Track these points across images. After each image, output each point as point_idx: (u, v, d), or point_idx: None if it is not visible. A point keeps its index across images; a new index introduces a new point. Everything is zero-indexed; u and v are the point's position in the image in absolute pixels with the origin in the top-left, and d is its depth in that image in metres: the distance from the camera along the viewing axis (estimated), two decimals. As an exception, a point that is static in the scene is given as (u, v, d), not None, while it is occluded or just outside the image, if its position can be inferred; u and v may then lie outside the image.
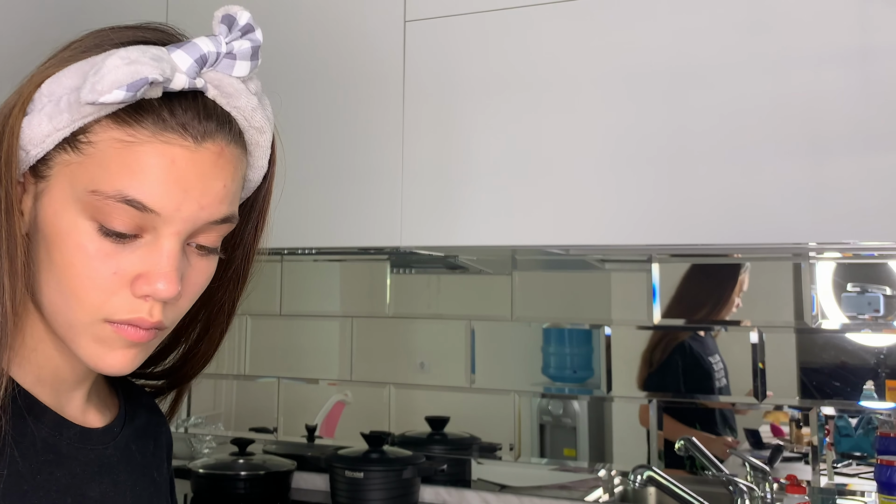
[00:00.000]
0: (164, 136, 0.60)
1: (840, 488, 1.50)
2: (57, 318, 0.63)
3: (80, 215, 0.60)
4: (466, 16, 1.41)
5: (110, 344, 0.62)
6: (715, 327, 1.61)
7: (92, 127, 0.60)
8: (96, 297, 0.61)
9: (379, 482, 1.60)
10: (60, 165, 0.61)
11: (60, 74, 0.62)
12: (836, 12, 1.19)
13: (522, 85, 1.36)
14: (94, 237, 0.60)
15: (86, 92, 0.58)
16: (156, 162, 0.60)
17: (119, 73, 0.57)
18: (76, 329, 0.62)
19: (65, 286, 0.61)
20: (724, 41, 1.25)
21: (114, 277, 0.61)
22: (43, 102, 0.61)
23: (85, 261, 0.60)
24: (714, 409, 1.60)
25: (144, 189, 0.59)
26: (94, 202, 0.59)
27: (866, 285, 1.50)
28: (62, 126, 0.60)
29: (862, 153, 1.16)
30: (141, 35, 0.66)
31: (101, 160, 0.60)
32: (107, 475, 0.69)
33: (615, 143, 1.30)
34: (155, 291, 0.61)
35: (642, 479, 1.40)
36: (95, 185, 0.59)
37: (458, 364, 1.82)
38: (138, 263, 0.61)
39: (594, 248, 1.58)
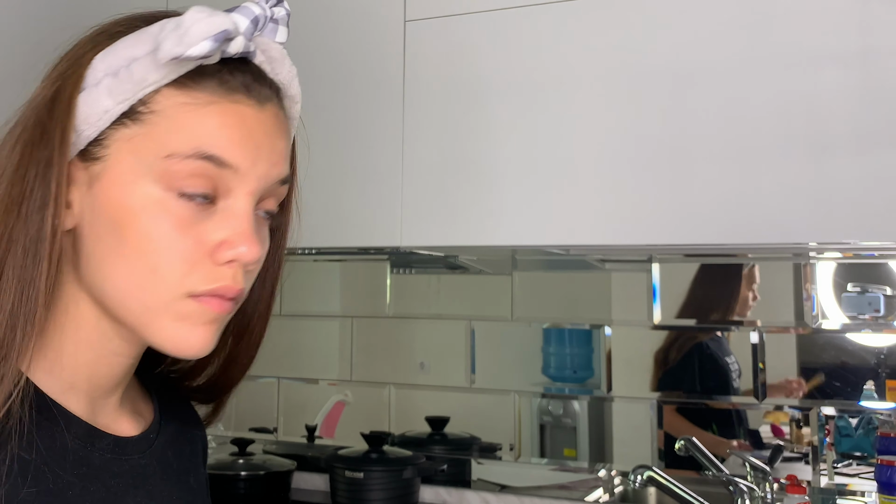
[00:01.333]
0: (232, 96, 0.60)
1: (840, 488, 1.49)
2: (129, 305, 0.60)
3: (154, 185, 0.58)
4: (466, 16, 1.41)
5: (193, 320, 0.60)
6: (728, 328, 1.61)
7: (152, 97, 0.59)
8: (179, 269, 0.59)
9: (379, 482, 1.60)
10: (120, 141, 0.59)
11: (115, 47, 0.60)
12: (836, 12, 1.19)
13: (522, 85, 1.36)
14: (171, 206, 0.59)
15: (170, 46, 0.56)
16: (228, 120, 0.60)
17: (203, 25, 0.57)
18: (155, 311, 0.59)
19: (142, 265, 0.58)
20: (724, 41, 1.25)
21: (196, 247, 0.59)
22: (98, 77, 0.59)
23: (166, 232, 0.58)
24: (730, 410, 1.60)
25: (221, 144, 0.59)
26: (168, 167, 0.58)
27: (866, 285, 1.50)
28: (124, 98, 0.59)
29: (862, 153, 1.16)
30: (171, 12, 0.65)
31: (170, 125, 0.59)
32: (142, 486, 0.65)
33: (615, 142, 1.30)
34: (239, 255, 0.60)
35: (642, 479, 1.40)
36: (170, 148, 0.58)
37: (458, 364, 1.82)
38: (218, 230, 0.60)
39: (594, 248, 1.57)
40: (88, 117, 0.59)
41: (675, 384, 1.63)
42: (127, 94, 0.59)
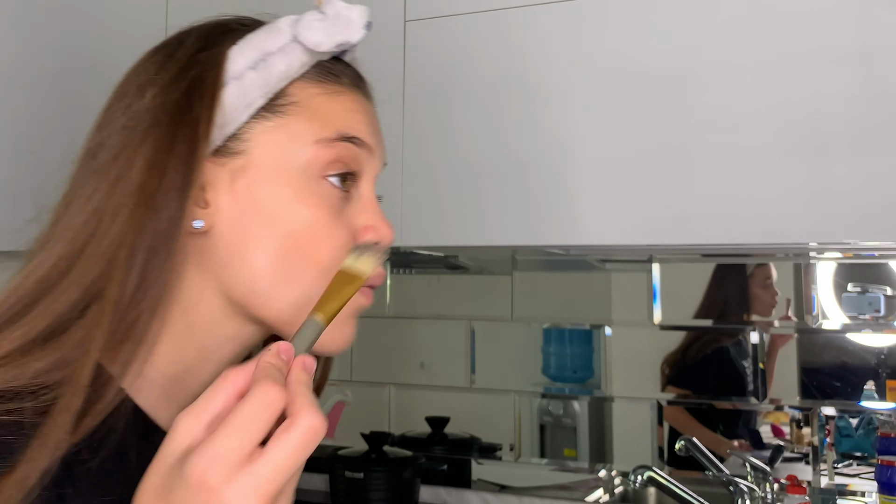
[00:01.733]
0: (352, 87, 0.65)
1: (840, 489, 1.49)
2: (282, 299, 0.58)
3: (303, 175, 0.59)
4: (466, 16, 1.41)
5: (347, 311, 0.59)
6: (746, 329, 1.60)
7: (287, 89, 0.61)
8: (335, 257, 0.59)
9: (379, 482, 1.60)
10: (262, 133, 0.59)
11: (247, 41, 0.61)
12: (836, 12, 1.18)
13: (522, 85, 1.36)
14: (323, 193, 0.60)
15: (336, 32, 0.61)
16: (357, 107, 0.64)
17: (358, 13, 0.62)
18: (309, 304, 0.56)
19: (301, 257, 0.58)
20: (725, 41, 1.24)
21: (349, 234, 0.61)
22: (239, 71, 0.60)
23: (323, 221, 0.59)
24: (739, 412, 1.59)
25: (357, 127, 0.62)
26: (315, 154, 0.60)
27: (867, 285, 1.50)
28: (265, 91, 0.60)
29: (862, 153, 1.16)
30: (251, 18, 0.68)
31: (311, 113, 0.61)
32: None
33: (615, 142, 1.30)
34: (383, 237, 0.62)
35: (642, 479, 1.40)
36: (316, 134, 0.60)
37: (458, 364, 1.82)
38: (359, 215, 0.62)
39: (594, 248, 1.57)
40: (232, 111, 0.59)
41: (688, 383, 1.63)
42: (267, 88, 0.60)
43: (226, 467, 0.42)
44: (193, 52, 0.61)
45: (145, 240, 0.55)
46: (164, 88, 0.59)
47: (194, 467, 0.43)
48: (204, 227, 0.58)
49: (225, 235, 0.58)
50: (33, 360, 0.52)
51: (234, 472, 0.42)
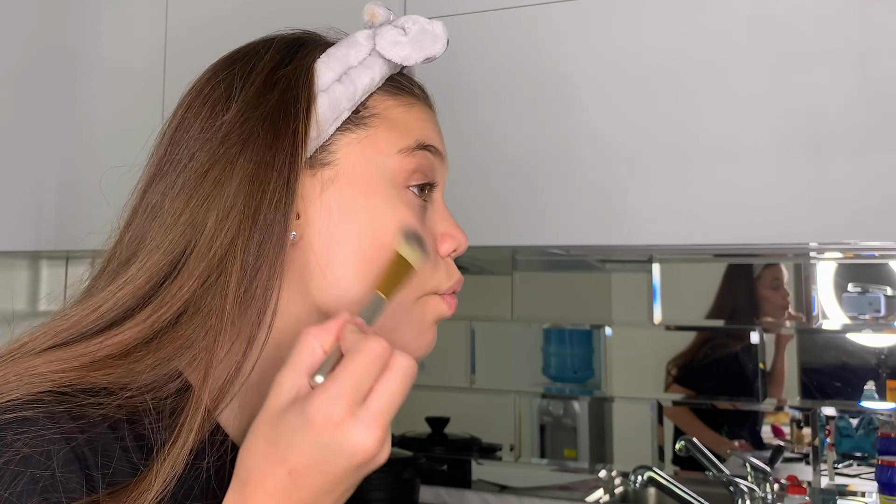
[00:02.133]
0: (421, 100, 0.68)
1: (841, 489, 1.49)
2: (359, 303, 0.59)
3: (390, 184, 0.61)
4: (466, 15, 1.41)
5: (432, 318, 0.63)
6: (754, 330, 1.60)
7: (368, 102, 0.63)
8: (428, 265, 0.61)
9: (379, 482, 1.60)
10: (349, 145, 0.61)
11: (331, 54, 0.63)
12: (836, 12, 1.18)
13: (522, 85, 1.36)
14: (409, 202, 0.62)
15: (424, 47, 0.63)
16: (427, 116, 0.67)
17: (440, 28, 0.65)
18: (402, 311, 0.61)
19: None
20: (724, 41, 1.24)
21: (432, 241, 0.63)
22: (327, 83, 0.61)
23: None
24: (749, 414, 1.59)
25: (433, 136, 0.66)
26: (399, 163, 0.62)
27: (867, 285, 1.50)
28: (351, 103, 0.61)
29: (862, 153, 1.16)
30: (316, 35, 0.70)
31: (392, 124, 0.63)
32: None
33: (615, 142, 1.29)
34: (460, 244, 0.65)
35: (643, 479, 1.40)
36: (398, 144, 0.62)
37: (458, 364, 1.82)
38: (437, 224, 0.64)
39: (594, 248, 1.57)
40: (323, 123, 0.60)
41: (694, 384, 1.62)
42: (354, 100, 0.62)
43: (348, 405, 0.48)
44: (274, 66, 0.62)
45: (251, 256, 0.56)
46: (250, 103, 0.60)
47: (318, 408, 0.48)
48: (296, 239, 0.59)
49: (315, 245, 0.60)
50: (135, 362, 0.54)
51: (356, 408, 0.48)
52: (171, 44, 1.59)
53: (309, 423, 0.48)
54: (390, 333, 0.59)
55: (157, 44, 1.61)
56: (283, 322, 0.60)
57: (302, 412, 0.48)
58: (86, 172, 1.64)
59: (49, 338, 0.56)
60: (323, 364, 0.50)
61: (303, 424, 0.48)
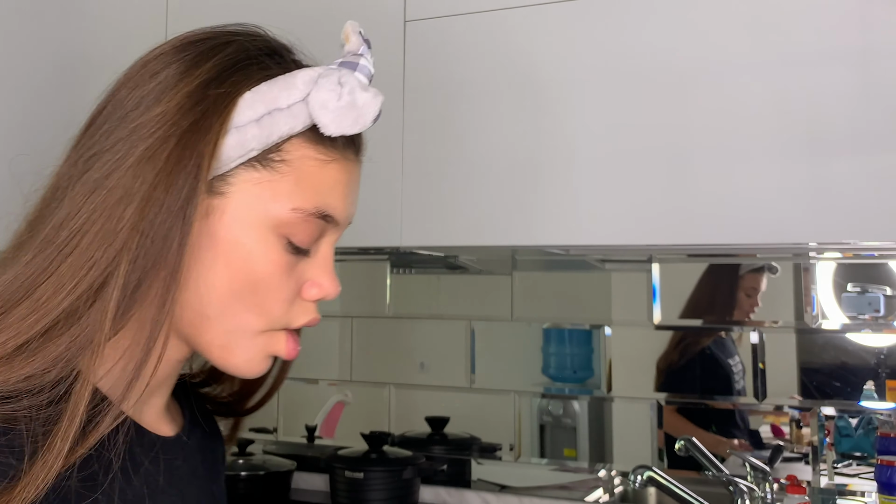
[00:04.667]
0: (346, 153, 0.65)
1: (840, 488, 1.49)
2: (217, 329, 0.62)
3: (271, 232, 0.62)
4: (466, 16, 1.41)
5: (269, 351, 0.65)
6: (735, 329, 1.61)
7: (283, 145, 0.62)
8: (282, 308, 0.63)
9: (379, 482, 1.60)
10: (246, 183, 0.61)
11: (263, 90, 0.62)
12: (836, 12, 1.19)
13: (522, 84, 1.36)
14: (283, 253, 0.62)
15: (346, 125, 0.61)
16: (343, 178, 0.65)
17: (373, 107, 0.63)
18: (241, 337, 0.63)
19: (251, 299, 0.62)
20: (724, 41, 1.25)
21: (295, 288, 0.64)
22: (243, 121, 0.61)
23: (277, 276, 0.62)
24: (733, 411, 1.59)
25: (334, 204, 0.64)
26: (290, 219, 0.62)
27: (866, 285, 1.50)
28: (262, 143, 0.61)
29: (862, 153, 1.16)
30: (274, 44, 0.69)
31: (299, 178, 0.62)
32: (176, 486, 0.67)
33: (615, 142, 1.30)
34: (326, 293, 0.66)
35: (642, 479, 1.40)
36: (295, 202, 0.62)
37: (458, 364, 1.82)
38: (308, 271, 0.65)
39: (594, 248, 1.57)
40: (226, 157, 0.61)
41: (677, 387, 1.63)
42: (266, 142, 0.61)
43: None
44: (208, 80, 0.61)
45: (134, 276, 0.57)
46: (171, 113, 0.60)
47: None
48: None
49: (188, 263, 0.60)
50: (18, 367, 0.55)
51: None
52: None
53: None
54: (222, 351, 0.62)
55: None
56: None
57: None
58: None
59: None
60: None
61: None
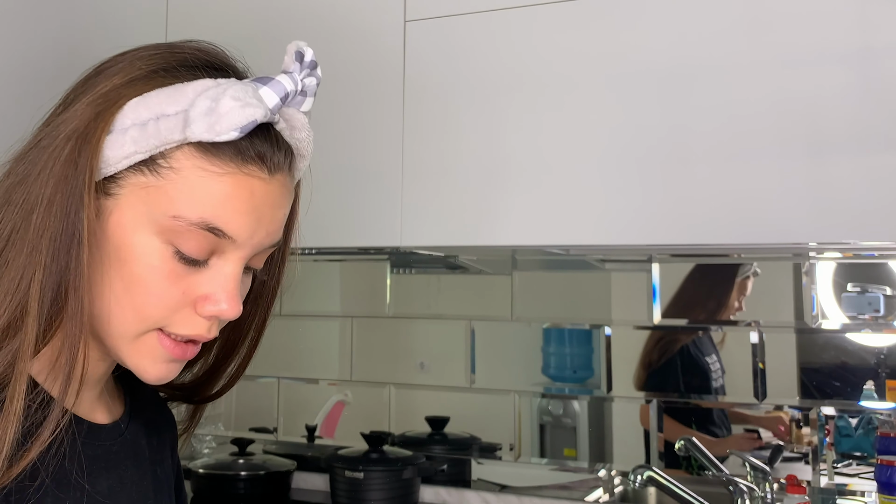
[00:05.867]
0: (246, 167, 0.63)
1: (840, 488, 1.49)
2: (108, 324, 0.64)
3: (155, 237, 0.62)
4: (466, 16, 1.41)
5: (155, 357, 0.65)
6: (716, 328, 1.61)
7: (172, 153, 0.62)
8: (160, 313, 0.63)
9: (379, 482, 1.60)
10: (134, 186, 0.62)
11: (148, 98, 0.63)
12: (836, 12, 1.19)
13: (522, 85, 1.36)
14: (167, 259, 0.62)
15: (201, 130, 0.60)
16: (238, 193, 0.63)
17: (235, 116, 0.60)
18: (127, 339, 0.64)
19: (129, 301, 0.63)
20: (724, 41, 1.25)
21: (181, 297, 0.64)
22: (126, 124, 0.62)
23: (157, 281, 0.62)
24: (712, 409, 1.60)
25: (226, 218, 0.62)
26: (172, 226, 0.62)
27: (866, 285, 1.50)
28: (147, 148, 0.62)
29: (862, 153, 1.16)
30: (206, 59, 0.67)
31: (184, 187, 0.62)
32: (113, 470, 0.70)
33: (615, 142, 1.30)
34: (221, 312, 0.64)
35: (642, 479, 1.40)
36: (177, 210, 0.61)
37: (458, 364, 1.82)
38: (205, 284, 0.64)
39: (594, 248, 1.57)
40: (109, 159, 0.62)
41: (658, 386, 1.64)
42: (150, 146, 0.62)
43: None
44: (114, 86, 0.63)
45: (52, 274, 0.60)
46: (72, 116, 0.62)
47: None
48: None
49: (91, 264, 0.62)
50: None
51: None
52: (172, 44, 1.59)
53: None
54: (117, 350, 0.65)
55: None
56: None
57: None
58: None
59: None
60: None
61: None
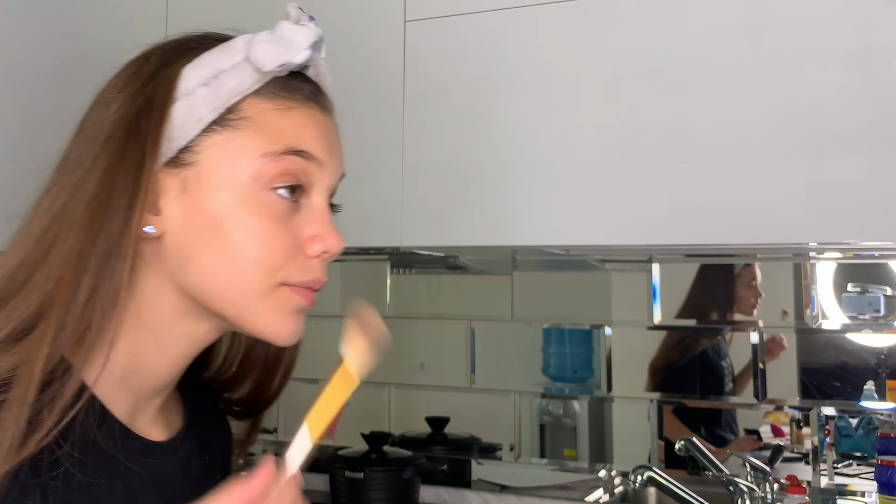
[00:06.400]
0: (306, 103, 0.67)
1: (840, 488, 1.49)
2: (229, 296, 0.63)
3: (251, 185, 0.63)
4: (466, 16, 1.41)
5: (288, 308, 0.65)
6: (726, 329, 1.61)
7: (238, 105, 0.64)
8: (278, 261, 0.64)
9: (379, 482, 1.60)
10: (212, 146, 0.63)
11: (202, 59, 0.65)
12: (836, 12, 1.19)
13: (522, 85, 1.36)
14: (268, 202, 0.63)
15: (277, 53, 0.63)
16: (307, 121, 0.66)
17: (304, 35, 0.65)
18: (255, 299, 0.64)
19: (244, 257, 0.63)
20: (724, 41, 1.25)
21: (292, 242, 0.65)
22: (190, 87, 0.64)
23: (265, 225, 0.63)
24: (721, 411, 1.59)
25: (307, 141, 0.65)
26: (262, 167, 0.63)
27: (867, 285, 1.50)
28: (216, 106, 0.63)
29: (862, 153, 1.16)
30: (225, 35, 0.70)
31: (261, 127, 0.64)
32: (162, 492, 0.68)
33: (615, 142, 1.30)
34: (329, 247, 0.66)
35: (642, 479, 1.40)
36: (263, 148, 0.63)
37: (458, 364, 1.82)
38: (305, 226, 0.65)
39: (594, 248, 1.57)
40: (183, 125, 0.63)
41: (673, 388, 1.63)
42: (218, 103, 0.64)
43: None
44: (156, 68, 0.65)
45: (97, 246, 0.59)
46: (124, 103, 0.64)
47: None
48: (156, 233, 0.63)
49: (176, 240, 0.63)
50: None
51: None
52: (172, 44, 1.59)
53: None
54: (247, 317, 0.64)
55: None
56: (154, 311, 0.65)
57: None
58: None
59: None
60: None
61: None
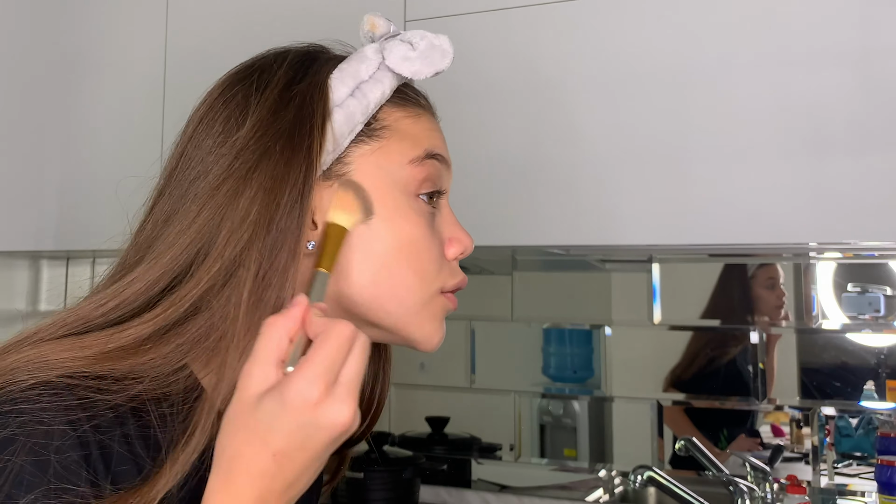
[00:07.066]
0: (427, 110, 0.71)
1: (840, 488, 1.49)
2: (389, 308, 0.64)
3: (402, 193, 0.65)
4: (466, 16, 1.41)
5: (441, 315, 0.68)
6: (744, 330, 1.61)
7: (378, 115, 0.66)
8: (434, 268, 0.66)
9: (379, 482, 1.60)
10: (363, 156, 0.65)
11: (343, 70, 0.65)
12: (836, 12, 1.19)
13: (522, 84, 1.36)
14: (420, 209, 0.65)
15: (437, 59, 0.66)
16: (433, 126, 0.71)
17: (448, 42, 0.67)
18: (415, 310, 0.65)
19: (408, 268, 0.64)
20: (724, 41, 1.25)
21: (440, 245, 0.67)
22: (342, 97, 0.64)
23: (423, 234, 0.65)
24: (746, 416, 1.59)
25: (439, 145, 0.69)
26: (410, 173, 0.65)
27: (867, 285, 1.50)
28: (364, 116, 0.64)
29: (862, 153, 1.16)
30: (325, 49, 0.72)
31: (402, 135, 0.66)
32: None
33: (615, 142, 1.30)
34: (466, 247, 0.68)
35: (642, 479, 1.40)
36: (408, 154, 0.66)
37: (458, 364, 1.82)
38: (444, 227, 0.68)
39: (594, 248, 1.57)
40: (339, 136, 0.63)
41: (693, 389, 1.62)
42: (366, 113, 0.65)
43: (325, 385, 0.51)
44: (287, 81, 0.65)
45: (265, 263, 0.58)
46: (264, 119, 0.62)
47: (297, 392, 0.51)
48: (314, 248, 0.63)
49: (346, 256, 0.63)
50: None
51: (330, 387, 0.51)
52: (172, 45, 1.59)
53: (289, 406, 0.51)
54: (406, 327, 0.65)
55: (157, 45, 1.61)
56: None
57: (280, 398, 0.51)
58: (86, 173, 1.64)
59: (57, 328, 0.58)
60: (293, 353, 0.54)
61: (283, 409, 0.51)
